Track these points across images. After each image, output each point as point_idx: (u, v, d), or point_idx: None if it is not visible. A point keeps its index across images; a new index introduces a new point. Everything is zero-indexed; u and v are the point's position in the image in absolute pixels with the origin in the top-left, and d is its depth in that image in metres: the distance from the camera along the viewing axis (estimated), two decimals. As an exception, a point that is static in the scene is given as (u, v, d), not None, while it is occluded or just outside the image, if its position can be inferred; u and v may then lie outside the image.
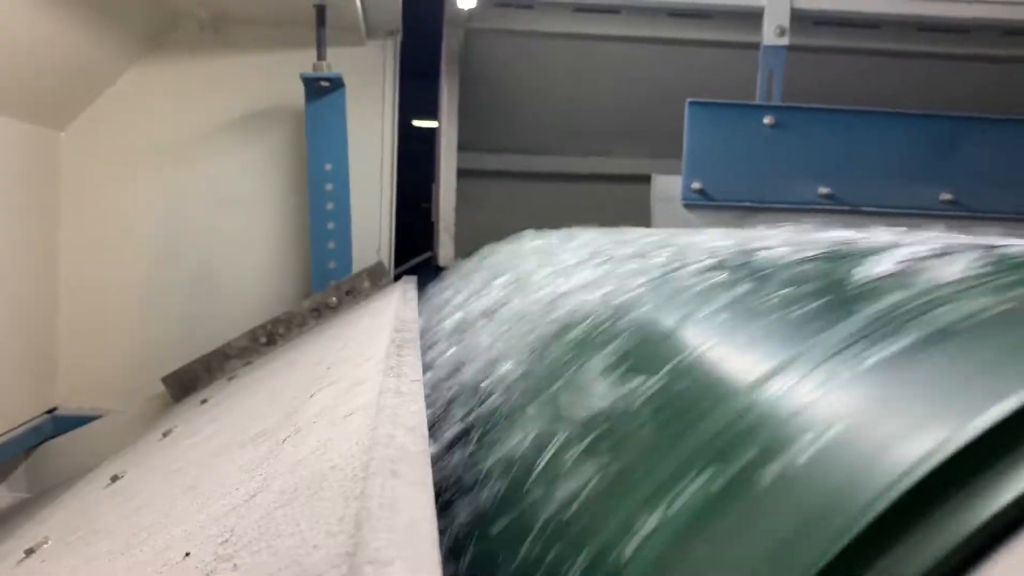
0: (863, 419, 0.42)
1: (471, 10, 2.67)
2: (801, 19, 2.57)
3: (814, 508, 0.38)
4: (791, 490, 0.40)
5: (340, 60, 2.49)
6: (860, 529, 0.34)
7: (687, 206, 2.50)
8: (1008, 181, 2.49)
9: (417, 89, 3.13)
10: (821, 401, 0.46)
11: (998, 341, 0.43)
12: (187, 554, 0.69)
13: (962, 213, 2.44)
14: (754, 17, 2.55)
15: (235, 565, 0.58)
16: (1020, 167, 2.50)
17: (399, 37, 2.66)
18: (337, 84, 2.44)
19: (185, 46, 2.60)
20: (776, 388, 0.51)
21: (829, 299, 0.62)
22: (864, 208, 2.43)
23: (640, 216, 2.61)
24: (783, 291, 0.71)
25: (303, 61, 2.45)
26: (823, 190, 2.44)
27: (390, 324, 1.48)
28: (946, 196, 2.43)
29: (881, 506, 0.34)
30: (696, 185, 2.48)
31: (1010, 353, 0.41)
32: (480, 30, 2.82)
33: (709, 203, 2.47)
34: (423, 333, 1.46)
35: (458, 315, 1.44)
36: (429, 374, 1.14)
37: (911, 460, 0.36)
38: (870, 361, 0.47)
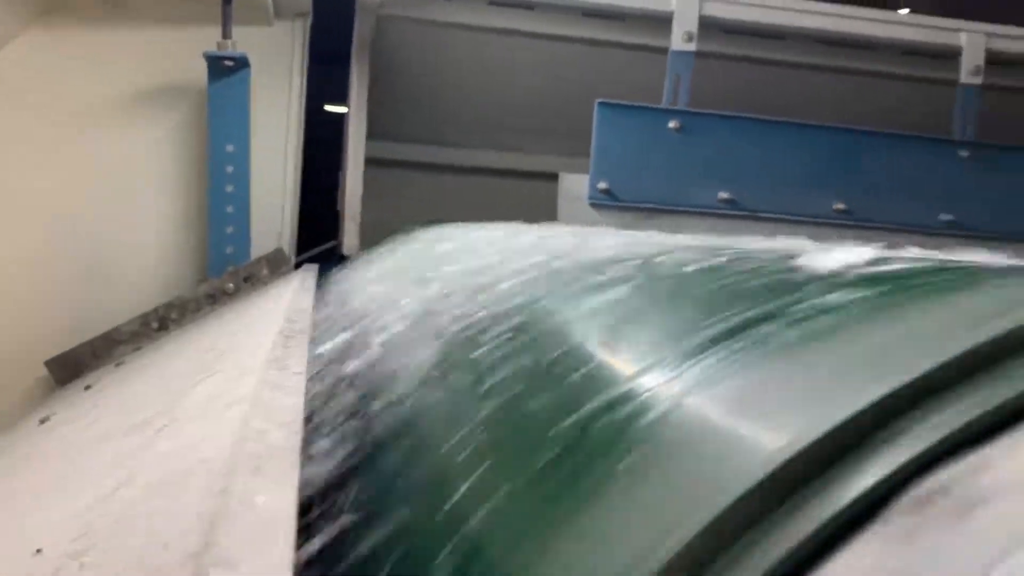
0: (718, 418, 0.43)
1: (384, -5, 2.64)
2: (710, 26, 2.63)
3: (662, 507, 0.38)
4: (643, 489, 0.40)
5: (246, 40, 2.42)
6: (701, 527, 0.35)
7: (593, 205, 2.52)
8: (899, 195, 2.60)
9: (328, 74, 3.07)
10: (678, 402, 0.46)
11: (860, 345, 0.44)
12: (38, 550, 0.65)
13: (853, 223, 2.54)
14: (665, 21, 2.59)
15: (82, 564, 0.55)
16: (911, 182, 2.61)
17: (309, 19, 2.60)
18: (242, 64, 2.37)
19: (81, 15, 2.47)
20: (638, 387, 0.51)
21: (704, 297, 0.63)
22: (762, 214, 2.50)
23: (550, 214, 2.63)
24: (658, 290, 0.72)
25: (207, 39, 2.37)
26: (724, 195, 2.50)
27: (282, 314, 1.44)
28: (839, 206, 2.52)
29: (723, 502, 0.35)
30: (602, 185, 2.51)
31: (865, 358, 0.42)
32: (393, 17, 2.78)
33: (615, 203, 2.50)
34: (317, 324, 1.43)
35: (351, 306, 1.42)
36: (318, 366, 1.12)
37: (758, 461, 0.36)
38: (734, 361, 0.47)
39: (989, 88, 2.74)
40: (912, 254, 0.70)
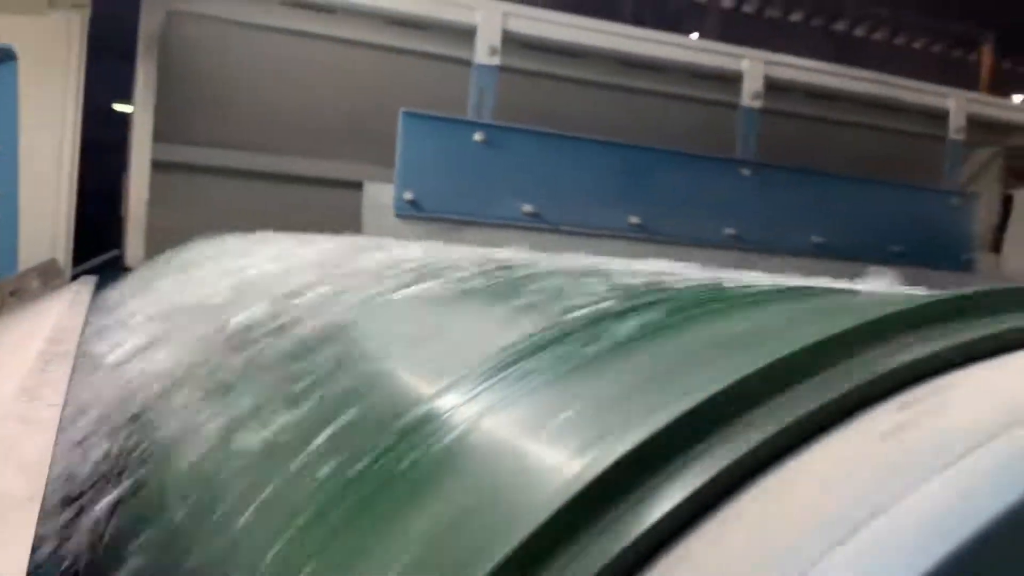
0: (508, 446, 0.41)
1: (175, -9, 2.49)
2: (513, 41, 2.67)
3: (458, 537, 0.36)
4: (435, 519, 0.38)
5: (16, 30, 2.20)
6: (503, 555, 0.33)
7: (399, 216, 2.49)
8: (687, 210, 2.75)
9: (114, 71, 2.85)
10: (470, 429, 0.44)
11: (659, 361, 0.44)
12: None
13: (646, 236, 2.65)
14: (469, 34, 2.61)
15: None
16: (699, 198, 2.77)
17: (88, 11, 2.40)
18: (7, 56, 2.15)
19: None
20: (433, 408, 0.48)
21: (498, 317, 0.62)
22: (564, 228, 2.56)
23: (355, 224, 2.57)
24: (450, 309, 0.70)
25: (-34, 26, 2.14)
26: (528, 208, 2.54)
27: (46, 334, 1.31)
28: (634, 220, 2.63)
29: (526, 528, 0.33)
30: (408, 195, 2.48)
31: (657, 376, 0.42)
32: (184, 12, 2.62)
33: (420, 214, 2.48)
34: (84, 345, 1.31)
35: (128, 325, 1.31)
36: (79, 397, 1.01)
37: (554, 488, 0.35)
38: (527, 384, 0.46)
39: (769, 112, 2.95)
40: (691, 273, 0.72)
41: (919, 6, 13.93)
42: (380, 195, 2.53)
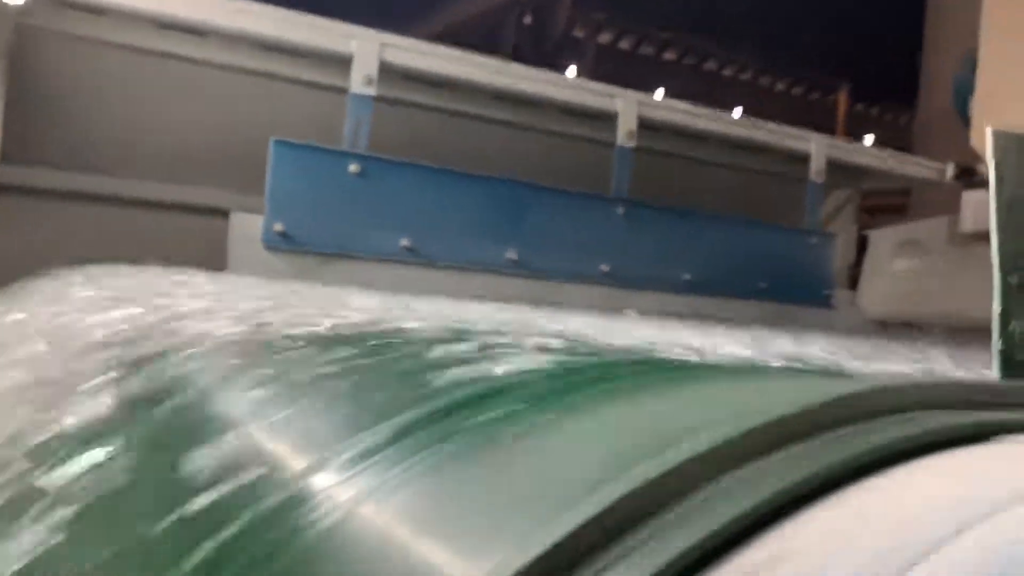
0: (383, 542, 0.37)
1: (25, 3, 2.31)
2: (391, 72, 2.62)
3: None
4: None
5: None
6: None
7: (268, 248, 2.39)
8: (564, 246, 2.76)
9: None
10: (332, 523, 0.40)
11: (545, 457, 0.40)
12: None
13: (524, 273, 2.65)
14: (345, 63, 2.55)
15: None
16: (575, 234, 2.79)
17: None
18: None
19: None
20: (285, 504, 0.43)
21: (368, 388, 0.57)
22: (441, 263, 2.53)
23: (220, 255, 2.45)
24: (309, 378, 0.65)
25: None
26: (404, 242, 2.49)
27: None
28: (511, 256, 2.62)
29: None
30: (279, 227, 2.39)
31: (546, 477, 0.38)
32: (38, 28, 2.45)
33: (291, 247, 2.40)
34: None
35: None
36: None
37: None
38: (402, 472, 0.42)
39: (642, 150, 3.01)
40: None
41: (781, 54, 14.78)
42: (248, 225, 2.42)
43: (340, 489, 0.43)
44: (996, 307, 0.58)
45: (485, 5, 10.44)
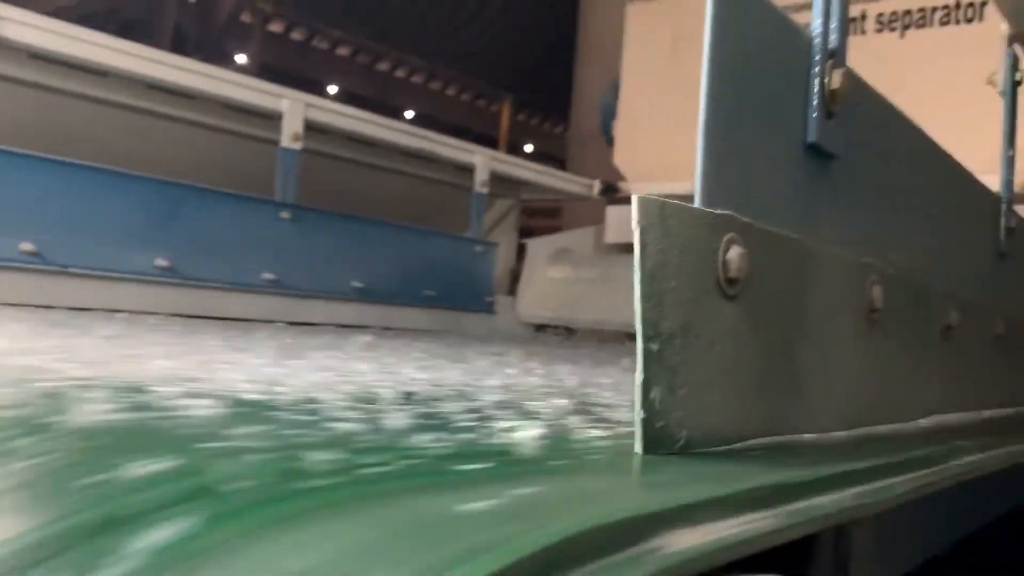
0: None
1: None
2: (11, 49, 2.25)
3: None
4: None
5: None
6: None
7: None
8: (224, 252, 2.57)
9: None
10: None
11: None
12: None
13: (177, 280, 2.42)
14: None
15: None
16: (236, 240, 2.61)
17: None
18: None
19: None
20: None
21: None
22: (72, 270, 2.22)
23: None
24: None
25: None
26: (27, 246, 2.15)
27: None
28: (161, 263, 2.38)
29: None
30: None
31: None
32: None
33: None
34: None
35: None
36: None
37: None
38: None
39: (310, 153, 2.90)
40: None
41: (449, 61, 15.32)
42: None
43: None
44: (638, 376, 0.58)
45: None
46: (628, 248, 4.42)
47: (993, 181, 1.52)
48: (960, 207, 1.35)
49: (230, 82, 2.68)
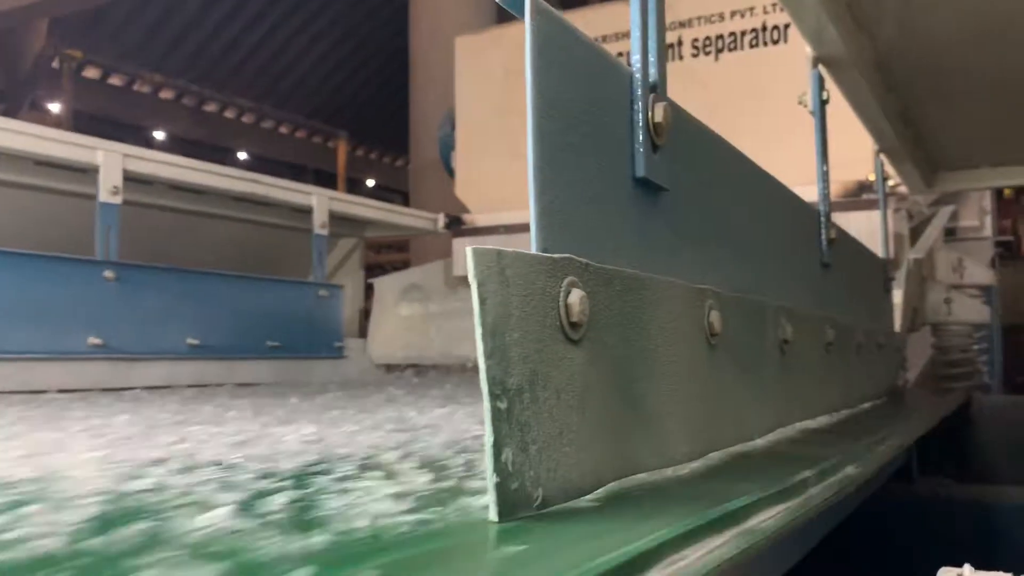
0: None
1: None
2: None
3: None
4: None
5: None
6: None
7: None
8: (42, 319, 2.37)
9: None
10: None
11: None
12: None
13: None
14: None
15: None
16: (55, 304, 2.41)
17: None
18: None
19: None
20: None
21: None
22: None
23: None
24: None
25: None
26: None
27: None
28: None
29: None
30: None
31: None
32: None
33: None
34: None
35: None
36: None
37: None
38: None
39: (133, 205, 2.73)
40: None
41: (279, 100, 15.01)
42: None
43: None
44: (488, 438, 0.55)
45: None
46: (476, 280, 4.42)
47: (808, 192, 1.60)
48: (784, 224, 1.41)
49: (41, 137, 2.48)
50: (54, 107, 11.45)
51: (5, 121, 2.49)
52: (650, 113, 0.82)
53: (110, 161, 2.59)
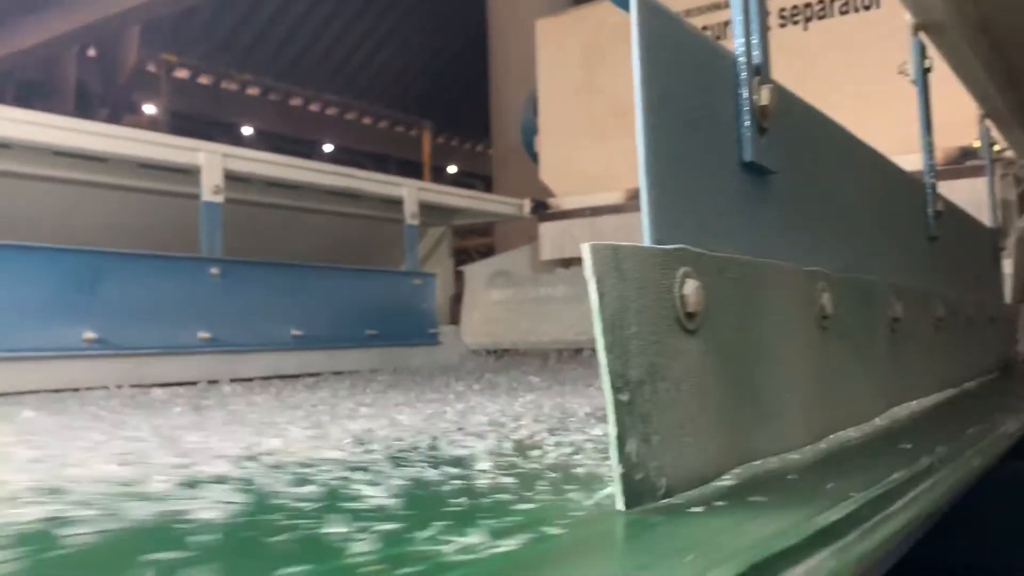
0: None
1: None
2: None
3: None
4: None
5: None
6: None
7: None
8: (154, 317, 2.48)
9: None
10: None
11: None
12: None
13: (109, 352, 2.33)
14: None
15: None
16: (165, 302, 2.52)
17: None
18: None
19: None
20: None
21: None
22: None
23: None
24: None
25: None
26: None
27: None
28: (89, 335, 2.29)
29: None
30: None
31: None
32: None
33: None
34: None
35: None
36: None
37: None
38: None
39: (233, 203, 2.82)
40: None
41: (362, 94, 15.27)
42: None
43: None
44: (612, 430, 0.56)
45: (43, 36, 9.18)
46: (564, 263, 4.39)
47: (904, 161, 1.55)
48: (889, 199, 1.37)
49: (144, 141, 2.60)
50: (149, 109, 11.95)
51: (114, 128, 2.61)
52: (756, 96, 0.82)
53: (211, 161, 2.69)
